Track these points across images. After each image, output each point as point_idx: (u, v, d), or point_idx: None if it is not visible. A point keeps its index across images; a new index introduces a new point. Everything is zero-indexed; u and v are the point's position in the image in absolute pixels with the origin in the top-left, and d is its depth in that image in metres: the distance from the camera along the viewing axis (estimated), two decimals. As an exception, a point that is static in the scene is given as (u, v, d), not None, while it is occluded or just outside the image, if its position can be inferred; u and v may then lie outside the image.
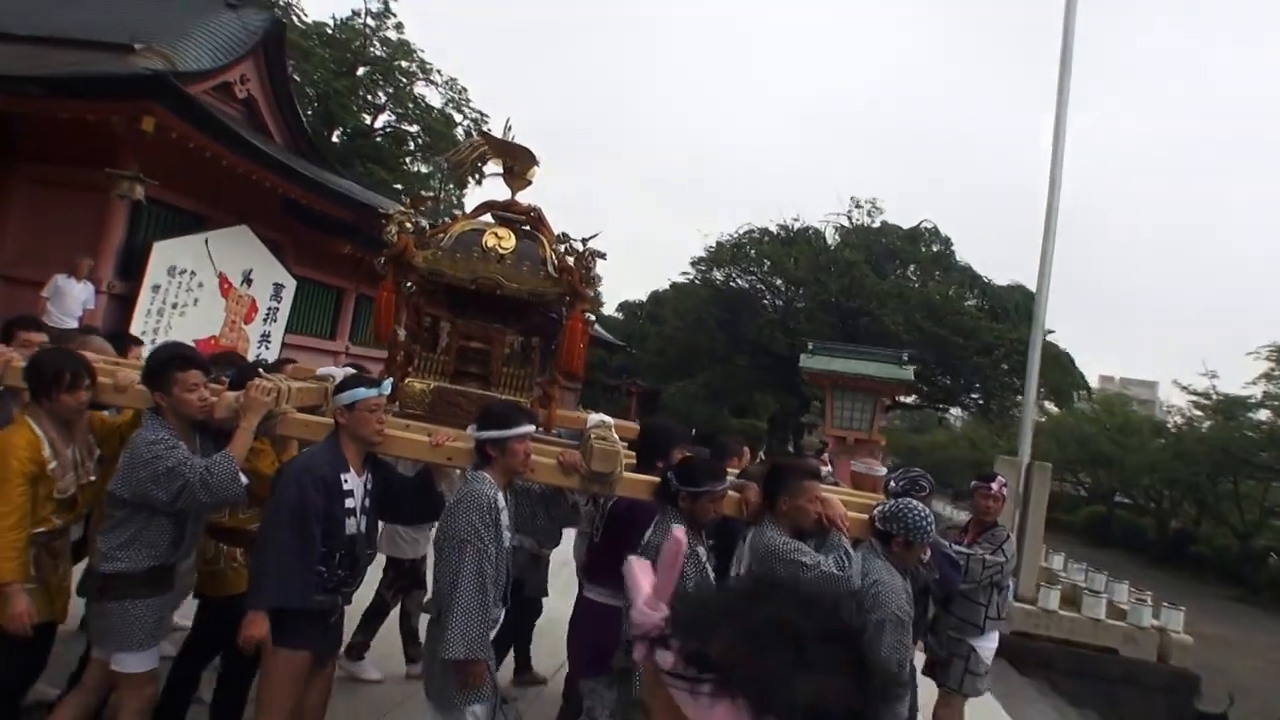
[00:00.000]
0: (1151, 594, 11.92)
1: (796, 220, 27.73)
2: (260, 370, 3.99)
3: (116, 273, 10.99)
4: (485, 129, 31.95)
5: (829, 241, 27.79)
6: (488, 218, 4.54)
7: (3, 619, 3.24)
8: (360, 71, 28.28)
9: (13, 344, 4.05)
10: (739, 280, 27.09)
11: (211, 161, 10.97)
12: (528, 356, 4.55)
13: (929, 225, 29.07)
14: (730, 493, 3.78)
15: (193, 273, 11.91)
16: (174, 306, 11.70)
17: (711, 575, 3.62)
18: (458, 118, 30.68)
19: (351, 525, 3.47)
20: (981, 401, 27.74)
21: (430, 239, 4.34)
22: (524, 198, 4.60)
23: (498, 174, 4.64)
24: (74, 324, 9.73)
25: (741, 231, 27.43)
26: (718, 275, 27.30)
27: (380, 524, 4.07)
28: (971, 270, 28.79)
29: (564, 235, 4.43)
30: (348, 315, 16.68)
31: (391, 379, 3.82)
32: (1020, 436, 11.80)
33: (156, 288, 11.38)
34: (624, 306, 44.31)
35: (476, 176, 4.73)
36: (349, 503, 3.46)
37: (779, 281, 26.66)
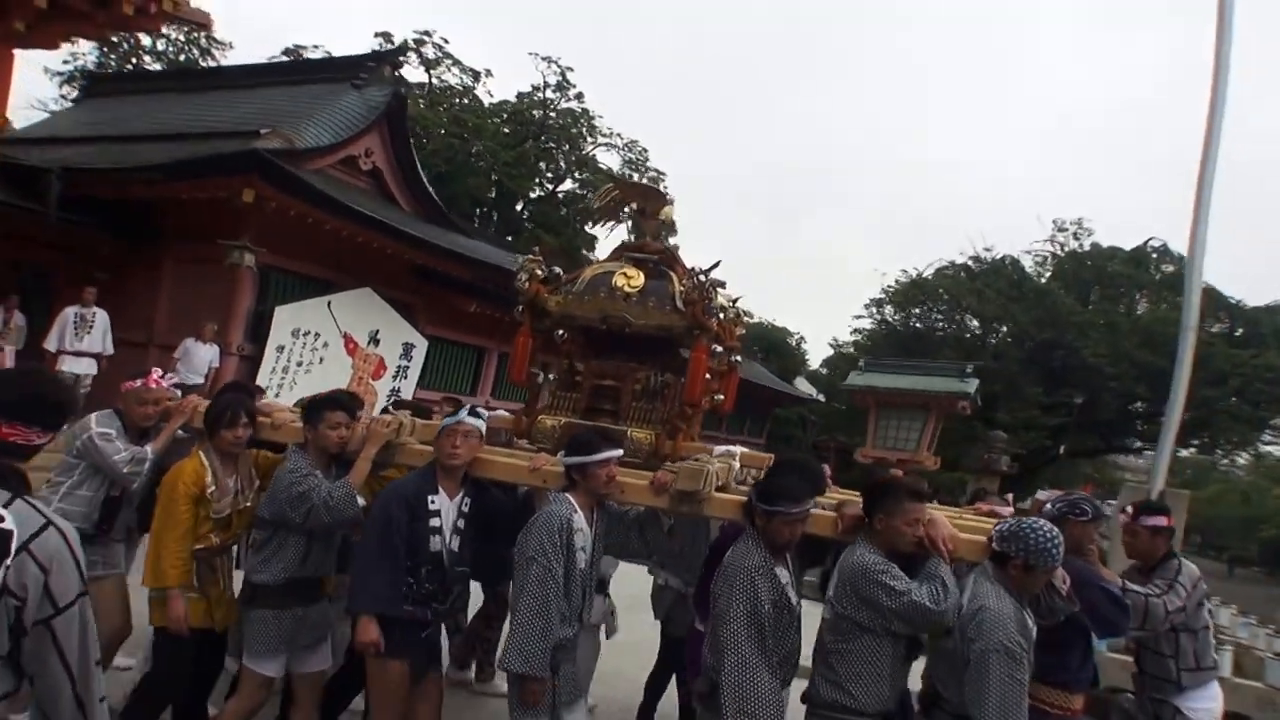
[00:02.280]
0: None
1: (989, 250, 26.49)
2: (389, 408, 4.85)
3: (246, 336, 12.64)
4: (663, 188, 33.36)
5: (1029, 271, 26.26)
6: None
7: (165, 620, 3.97)
8: (531, 143, 30.54)
9: None
10: (918, 321, 26.03)
11: (326, 229, 12.50)
12: (660, 392, 4.77)
13: (1157, 244, 26.74)
14: (826, 512, 3.77)
15: (316, 334, 13.42)
16: (299, 365, 13.21)
17: (793, 596, 3.60)
18: (635, 178, 32.32)
19: (437, 543, 3.89)
20: (1208, 439, 24.83)
21: (566, 284, 4.79)
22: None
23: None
24: (200, 380, 11.34)
25: (931, 269, 26.55)
26: (894, 316, 26.38)
27: None
28: (1215, 291, 26.11)
29: (692, 270, 4.69)
30: (489, 373, 17.88)
31: (474, 406, 4.24)
32: (1156, 463, 10.69)
33: (281, 348, 12.93)
34: (828, 361, 43.69)
35: (620, 219, 5.16)
36: (434, 521, 3.89)
37: (967, 318, 25.43)
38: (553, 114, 32.00)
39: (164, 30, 29.95)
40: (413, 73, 30.43)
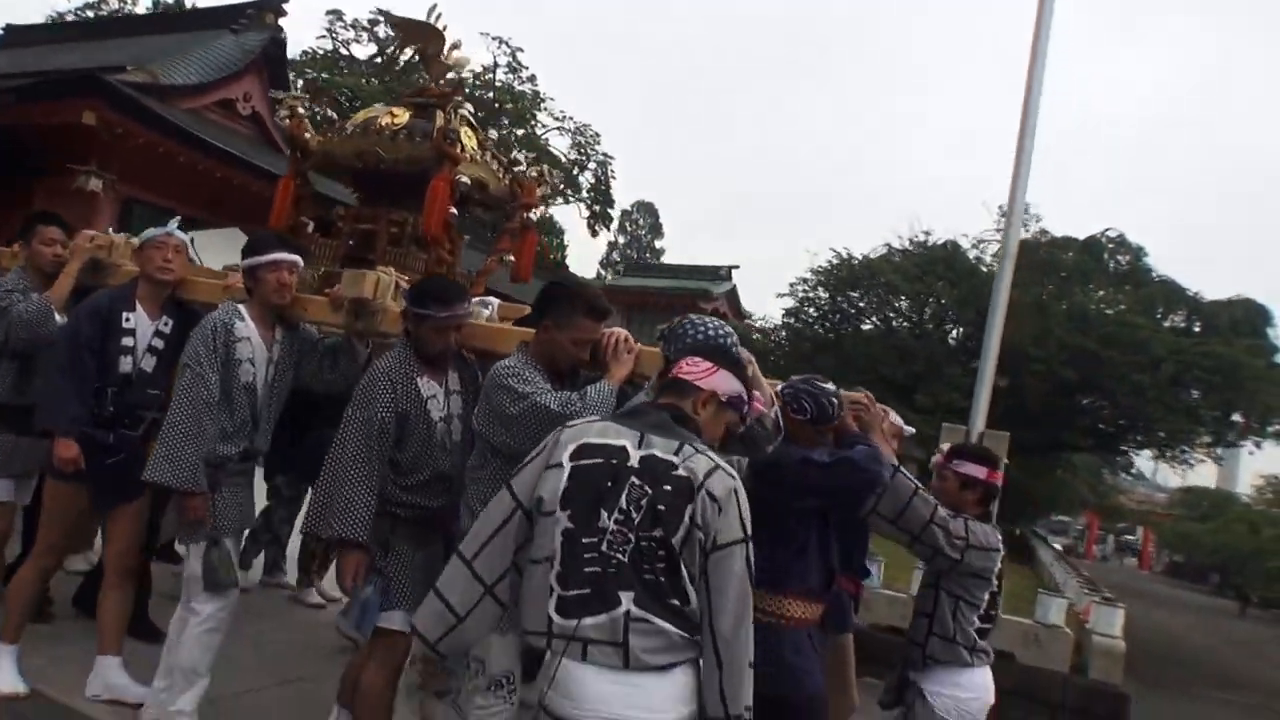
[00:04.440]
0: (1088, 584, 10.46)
1: (928, 233, 26.87)
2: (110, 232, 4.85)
3: (103, 266, 13.52)
4: (610, 172, 34.14)
5: (971, 257, 26.51)
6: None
7: None
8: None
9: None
10: (845, 302, 26.35)
11: (182, 161, 13.36)
12: (423, 240, 4.63)
13: (1113, 234, 26.95)
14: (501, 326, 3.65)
15: (175, 269, 14.24)
16: (156, 298, 14.04)
17: (437, 413, 3.46)
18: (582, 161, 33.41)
19: (127, 363, 3.91)
20: (1163, 437, 24.64)
21: (339, 128, 4.83)
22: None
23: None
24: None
25: (875, 253, 26.88)
26: (822, 297, 26.69)
27: None
28: (1173, 283, 26.24)
29: (458, 104, 4.68)
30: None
31: (179, 218, 4.30)
32: (974, 404, 11.26)
33: (136, 279, 13.79)
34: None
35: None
36: (126, 340, 3.91)
37: (896, 299, 25.71)
38: (490, 94, 32.65)
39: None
40: (363, 50, 31.51)
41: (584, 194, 34.32)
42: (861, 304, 26.62)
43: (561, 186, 33.34)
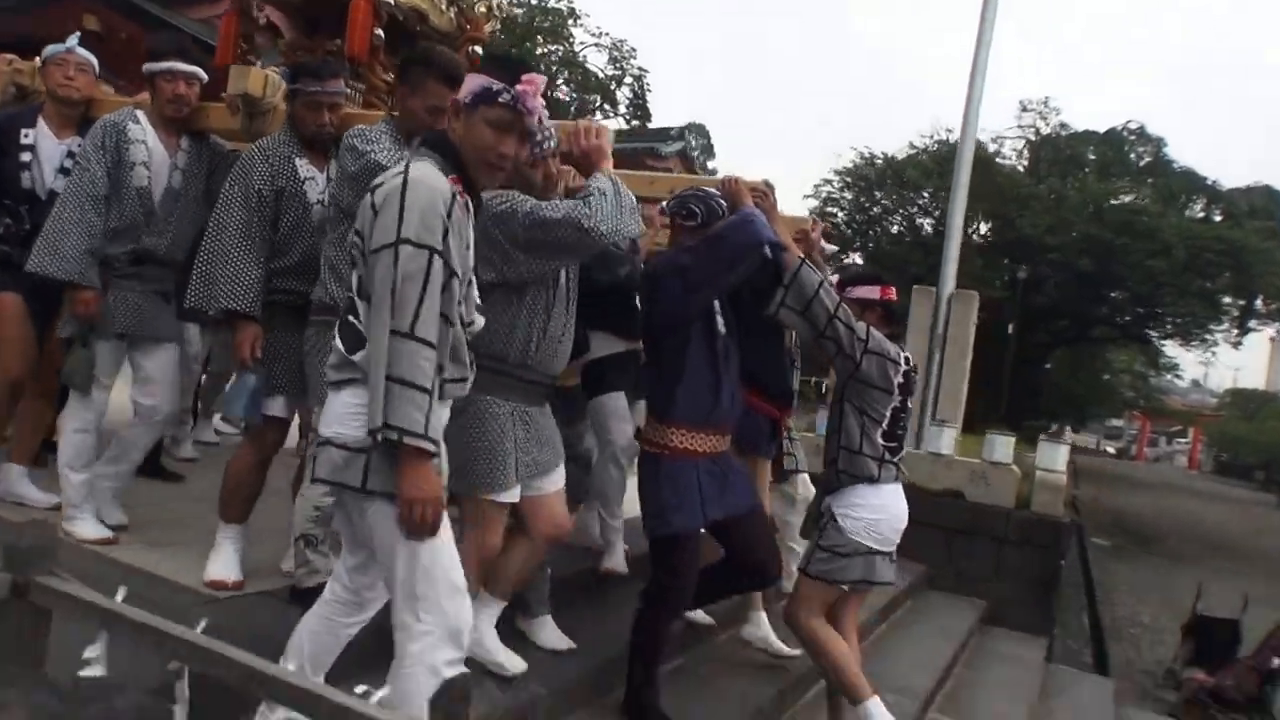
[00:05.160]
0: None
1: (950, 131, 26.43)
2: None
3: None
4: (646, 85, 33.51)
5: (991, 151, 26.11)
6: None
7: None
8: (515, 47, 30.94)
9: None
10: (869, 203, 26.18)
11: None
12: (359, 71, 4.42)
13: (1134, 126, 26.47)
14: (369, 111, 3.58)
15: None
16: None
17: (314, 194, 3.40)
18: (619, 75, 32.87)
19: (28, 179, 3.84)
20: (1180, 323, 24.45)
21: None
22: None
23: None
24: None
25: (900, 153, 26.56)
26: (847, 198, 26.53)
27: None
28: (1194, 174, 25.87)
29: None
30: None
31: (80, 34, 4.06)
32: (943, 263, 11.28)
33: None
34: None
35: None
36: (24, 156, 3.84)
37: (918, 195, 25.48)
38: (521, 8, 32.11)
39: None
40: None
41: (622, 110, 33.70)
42: (885, 202, 26.45)
43: (599, 102, 32.97)
